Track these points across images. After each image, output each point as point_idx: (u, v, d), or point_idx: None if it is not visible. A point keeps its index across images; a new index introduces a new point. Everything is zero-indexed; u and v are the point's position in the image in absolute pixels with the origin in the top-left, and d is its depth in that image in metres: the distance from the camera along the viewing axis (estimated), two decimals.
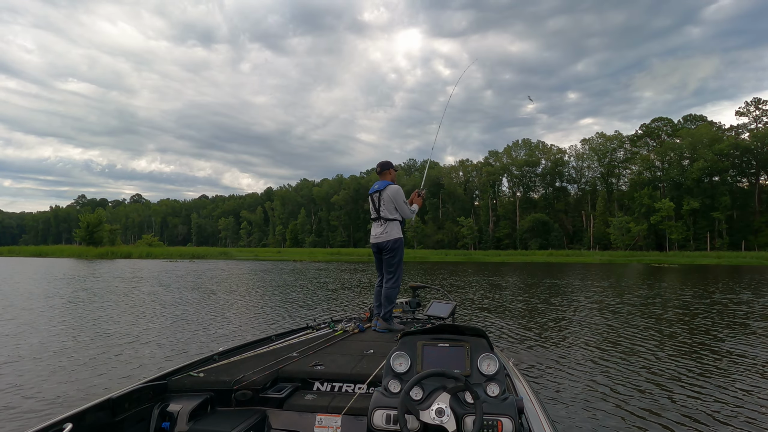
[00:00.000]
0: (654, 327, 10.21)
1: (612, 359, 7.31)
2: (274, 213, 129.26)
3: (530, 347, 8.20)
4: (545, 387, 5.81)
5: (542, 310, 13.01)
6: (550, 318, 11.53)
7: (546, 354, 7.67)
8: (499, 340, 8.73)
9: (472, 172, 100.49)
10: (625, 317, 11.61)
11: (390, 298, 5.28)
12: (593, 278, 26.49)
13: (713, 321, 11.06)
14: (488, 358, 2.40)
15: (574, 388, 5.81)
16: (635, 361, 7.22)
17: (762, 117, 79.11)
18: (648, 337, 9.12)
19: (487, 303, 14.45)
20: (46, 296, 15.10)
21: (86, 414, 2.45)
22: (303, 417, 2.99)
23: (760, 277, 27.45)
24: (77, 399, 5.19)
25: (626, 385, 5.92)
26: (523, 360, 7.12)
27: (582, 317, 11.64)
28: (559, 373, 6.50)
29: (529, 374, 6.25)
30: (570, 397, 5.44)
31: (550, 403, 5.19)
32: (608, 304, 14.13)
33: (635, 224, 72.51)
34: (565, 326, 10.31)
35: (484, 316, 11.86)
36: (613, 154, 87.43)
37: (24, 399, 5.23)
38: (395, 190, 5.38)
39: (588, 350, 7.96)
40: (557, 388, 5.77)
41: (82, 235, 71.39)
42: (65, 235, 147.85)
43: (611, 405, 5.20)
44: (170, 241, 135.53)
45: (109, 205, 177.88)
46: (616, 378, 6.26)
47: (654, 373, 6.51)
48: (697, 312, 12.56)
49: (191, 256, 63.59)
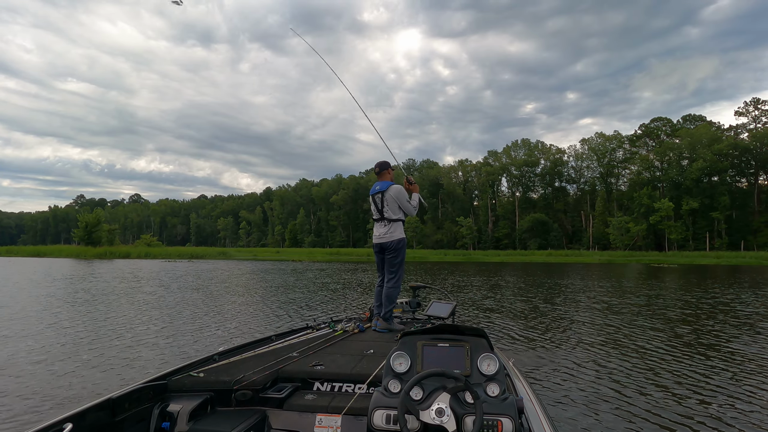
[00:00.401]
0: (655, 327, 10.22)
1: (612, 359, 7.32)
2: (273, 213, 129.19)
3: (530, 347, 8.21)
4: (545, 387, 5.81)
5: (542, 310, 13.02)
6: (551, 318, 11.54)
7: (546, 354, 7.67)
8: (499, 340, 8.73)
9: (472, 172, 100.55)
10: (626, 317, 11.62)
11: (391, 297, 5.29)
12: (593, 278, 26.51)
13: (716, 321, 11.06)
14: (488, 358, 2.40)
15: (575, 388, 5.81)
16: (636, 361, 7.23)
17: (761, 117, 79.27)
18: (649, 337, 9.13)
19: (488, 303, 14.46)
20: (42, 297, 15.06)
21: (86, 414, 2.46)
22: (303, 417, 2.99)
23: (760, 278, 27.48)
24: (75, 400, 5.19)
25: (627, 385, 5.92)
26: (523, 360, 7.11)
27: (582, 317, 11.66)
28: (559, 373, 6.50)
29: (529, 374, 6.24)
30: (570, 397, 5.45)
31: (551, 403, 5.19)
32: (609, 304, 14.15)
33: (634, 224, 72.54)
34: (565, 326, 10.31)
35: (484, 316, 11.86)
36: (612, 154, 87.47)
37: (22, 400, 5.23)
38: (398, 190, 5.39)
39: (588, 350, 7.97)
40: (557, 388, 5.78)
41: (80, 235, 71.15)
42: (64, 235, 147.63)
43: (612, 405, 5.21)
44: (169, 241, 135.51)
45: (108, 205, 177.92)
46: (617, 378, 6.26)
47: (655, 373, 6.51)
48: (700, 312, 12.57)
49: (190, 256, 63.34)
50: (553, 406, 5.11)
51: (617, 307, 13.62)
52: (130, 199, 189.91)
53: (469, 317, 11.58)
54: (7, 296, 15.14)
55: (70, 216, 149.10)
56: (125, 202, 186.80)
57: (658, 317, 11.65)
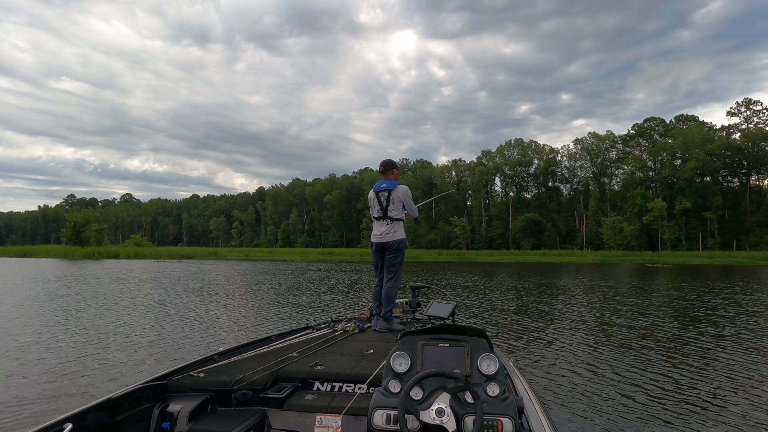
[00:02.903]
0: (656, 327, 10.24)
1: (613, 359, 7.34)
2: (266, 213, 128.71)
3: (530, 347, 8.22)
4: (545, 387, 5.83)
5: (542, 310, 13.04)
6: (550, 318, 11.56)
7: (546, 354, 7.69)
8: (499, 340, 8.73)
9: (465, 172, 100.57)
10: (626, 317, 11.64)
11: (390, 297, 5.30)
12: (589, 278, 26.60)
13: (717, 321, 11.06)
14: (488, 357, 2.41)
15: (575, 387, 5.84)
16: (636, 360, 7.25)
17: (752, 117, 79.72)
18: (650, 337, 9.15)
19: (487, 303, 14.49)
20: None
21: (86, 414, 2.46)
22: (303, 417, 3.00)
23: (751, 277, 27.66)
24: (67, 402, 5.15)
25: (627, 385, 5.94)
26: (523, 360, 7.13)
27: (582, 317, 11.67)
28: (559, 372, 6.52)
29: (529, 374, 6.26)
30: (570, 397, 5.47)
31: (551, 402, 5.20)
32: (609, 304, 14.18)
33: (628, 224, 72.81)
34: (565, 326, 10.32)
35: (484, 316, 11.87)
36: (605, 154, 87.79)
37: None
38: (405, 190, 5.41)
39: (589, 350, 7.99)
40: (558, 388, 5.79)
41: (68, 234, 70.46)
42: (54, 235, 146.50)
43: (612, 405, 5.23)
44: (161, 241, 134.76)
45: (99, 205, 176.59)
46: (617, 378, 6.29)
47: (656, 373, 6.53)
48: (700, 312, 12.58)
49: (180, 256, 62.76)
50: (553, 405, 5.12)
51: (617, 306, 13.66)
52: (121, 199, 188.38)
53: (470, 317, 11.56)
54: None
55: (60, 216, 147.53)
56: (116, 202, 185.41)
57: (660, 317, 11.67)
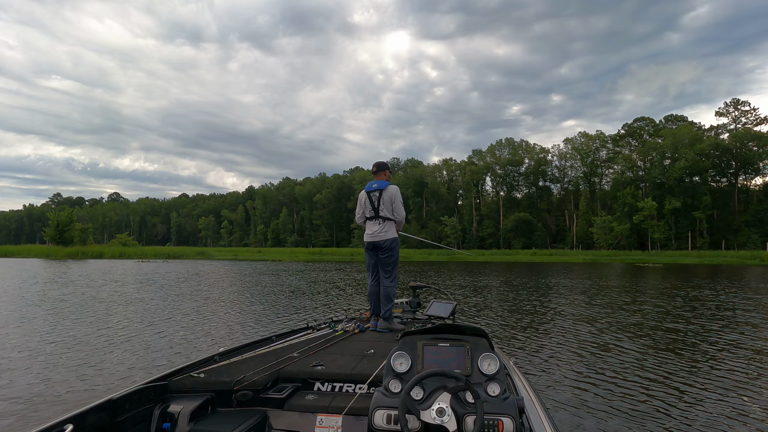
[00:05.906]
0: (656, 327, 10.26)
1: (613, 359, 7.37)
2: (255, 212, 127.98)
3: (531, 346, 8.23)
4: (546, 386, 5.84)
5: (542, 309, 13.06)
6: (550, 317, 11.57)
7: (547, 353, 7.70)
8: (500, 340, 8.73)
9: (456, 171, 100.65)
10: (625, 317, 11.67)
11: (389, 296, 5.33)
12: (583, 277, 26.69)
13: (717, 321, 11.08)
14: (489, 357, 2.42)
15: (576, 387, 5.86)
16: (637, 360, 7.28)
17: (740, 117, 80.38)
18: (650, 337, 9.18)
19: (487, 302, 14.52)
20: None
21: (87, 415, 2.46)
22: (304, 417, 3.01)
23: (740, 276, 27.93)
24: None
25: (628, 385, 5.97)
26: (523, 359, 7.15)
27: (582, 317, 11.68)
28: (560, 372, 6.54)
29: (530, 374, 6.28)
30: (571, 397, 5.49)
31: (551, 402, 5.22)
32: (608, 304, 14.21)
33: (618, 224, 73.10)
34: (566, 326, 10.33)
35: (484, 315, 11.87)
36: (595, 154, 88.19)
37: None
38: (396, 191, 5.47)
39: (589, 350, 8.01)
40: (558, 388, 5.81)
41: (51, 234, 69.12)
42: (39, 234, 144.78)
43: (613, 404, 5.25)
44: (149, 241, 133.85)
45: (86, 204, 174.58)
46: (618, 377, 6.31)
47: (657, 372, 6.56)
48: (700, 312, 12.60)
49: (166, 256, 61.68)
50: (554, 405, 5.14)
51: (616, 306, 13.70)
52: (109, 198, 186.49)
53: (470, 317, 11.57)
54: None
55: (45, 215, 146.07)
56: (104, 201, 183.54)
57: (659, 317, 11.69)
